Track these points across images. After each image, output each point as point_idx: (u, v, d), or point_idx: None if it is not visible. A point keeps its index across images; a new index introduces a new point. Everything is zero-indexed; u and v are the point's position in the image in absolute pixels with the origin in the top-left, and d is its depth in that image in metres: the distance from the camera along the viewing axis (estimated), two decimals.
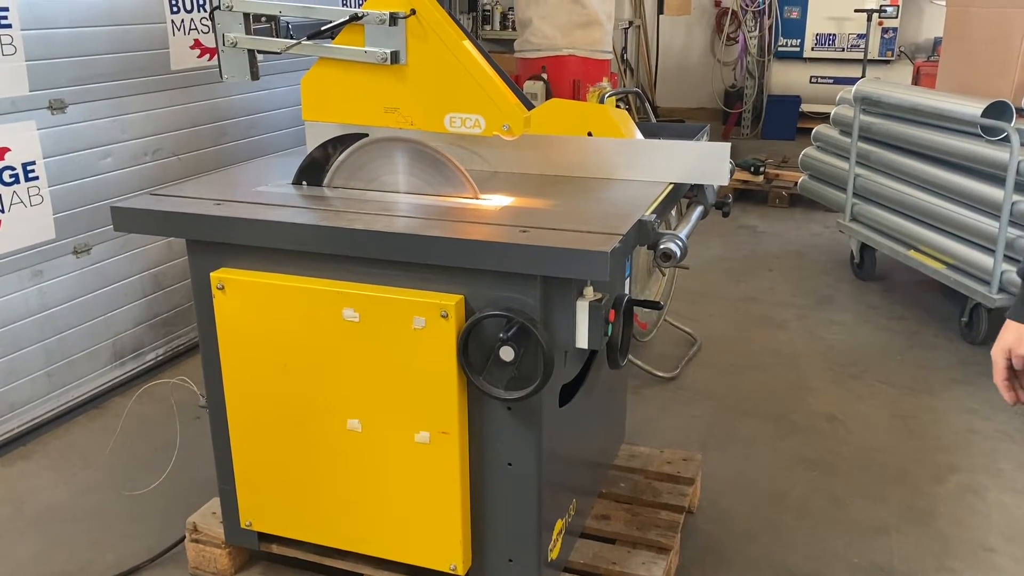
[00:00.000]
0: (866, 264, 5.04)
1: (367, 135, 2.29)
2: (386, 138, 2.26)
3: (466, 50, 2.18)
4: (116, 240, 3.59)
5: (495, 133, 2.19)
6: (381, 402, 2.11)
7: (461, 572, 2.18)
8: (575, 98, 4.91)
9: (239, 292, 2.16)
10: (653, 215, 2.07)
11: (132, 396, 3.57)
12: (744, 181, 6.75)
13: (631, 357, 2.98)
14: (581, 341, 1.99)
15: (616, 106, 3.61)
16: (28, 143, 3.18)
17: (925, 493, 3.02)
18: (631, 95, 6.10)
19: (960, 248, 4.14)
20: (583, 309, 1.96)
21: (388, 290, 2.04)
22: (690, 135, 2.66)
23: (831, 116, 5.30)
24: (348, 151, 2.29)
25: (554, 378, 1.99)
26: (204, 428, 2.43)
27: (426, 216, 2.13)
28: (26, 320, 3.28)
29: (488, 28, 8.96)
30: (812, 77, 8.57)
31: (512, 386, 1.98)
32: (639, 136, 2.56)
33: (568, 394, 2.29)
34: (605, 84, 4.64)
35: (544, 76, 5.09)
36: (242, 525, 2.41)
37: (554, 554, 2.29)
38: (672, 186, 2.37)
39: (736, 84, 9.17)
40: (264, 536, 2.43)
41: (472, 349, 1.99)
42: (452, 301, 1.97)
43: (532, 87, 4.98)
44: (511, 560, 2.21)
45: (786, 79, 8.67)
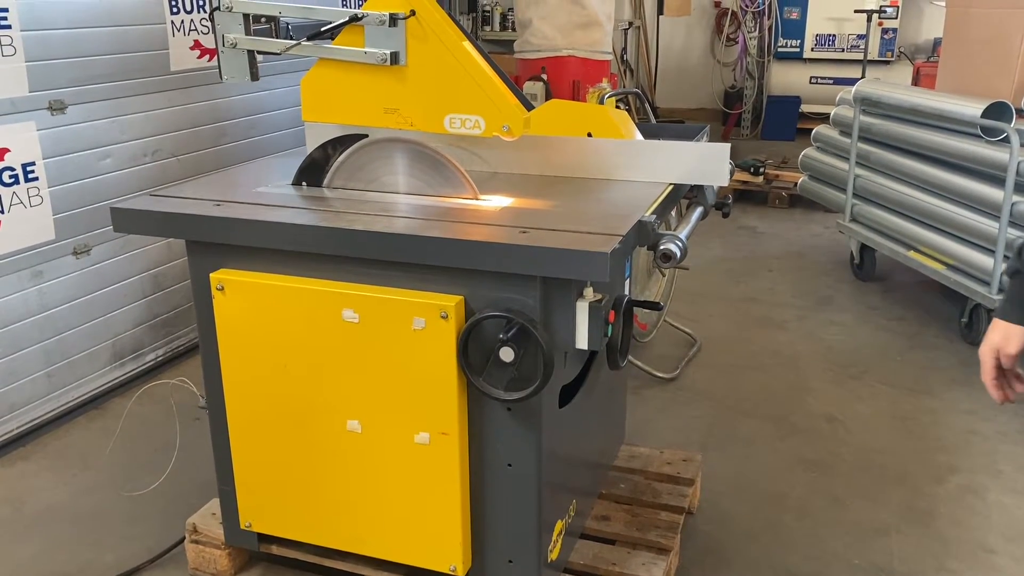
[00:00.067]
0: (866, 265, 5.04)
1: (367, 136, 2.29)
2: (386, 139, 2.26)
3: (466, 51, 2.18)
4: (116, 241, 3.59)
5: (495, 134, 2.19)
6: (381, 403, 2.11)
7: (461, 573, 2.18)
8: (575, 99, 4.91)
9: (239, 293, 2.16)
10: (653, 216, 2.07)
11: (132, 397, 3.57)
12: (744, 182, 6.75)
13: (631, 358, 2.98)
14: (581, 342, 1.99)
15: (616, 107, 3.62)
16: (28, 144, 3.18)
17: (925, 494, 3.02)
18: (631, 96, 6.10)
19: (960, 249, 4.14)
20: (583, 310, 1.96)
21: (388, 291, 2.04)
22: (690, 136, 2.66)
23: (831, 117, 5.30)
24: (348, 152, 2.29)
25: (554, 379, 1.99)
26: (204, 429, 2.43)
27: (426, 217, 2.13)
28: (26, 321, 3.28)
29: (488, 29, 8.95)
30: (812, 78, 8.57)
31: (512, 387, 1.98)
32: (639, 137, 2.56)
33: (568, 395, 2.28)
34: (605, 85, 4.63)
35: (544, 77, 5.09)
36: (242, 526, 2.41)
37: (554, 555, 2.29)
38: (672, 187, 2.37)
39: (736, 85, 9.17)
40: (264, 537, 2.43)
41: (472, 350, 1.99)
42: (452, 302, 1.97)
43: (532, 88, 4.98)
44: (511, 561, 2.21)
45: (786, 80, 8.67)
